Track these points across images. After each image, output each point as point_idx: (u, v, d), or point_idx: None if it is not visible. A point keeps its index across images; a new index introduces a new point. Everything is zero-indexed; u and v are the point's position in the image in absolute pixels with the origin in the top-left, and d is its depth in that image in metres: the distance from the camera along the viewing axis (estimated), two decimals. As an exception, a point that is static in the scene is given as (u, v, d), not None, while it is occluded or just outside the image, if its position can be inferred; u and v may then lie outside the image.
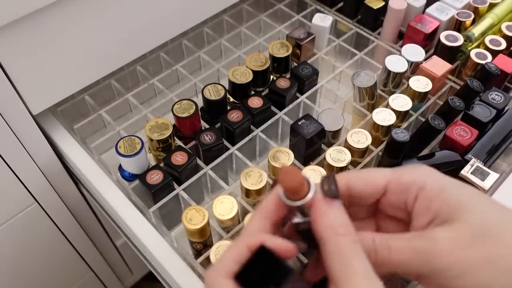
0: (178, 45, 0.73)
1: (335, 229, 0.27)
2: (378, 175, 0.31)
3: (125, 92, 0.66)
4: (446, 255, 0.27)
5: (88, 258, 0.84)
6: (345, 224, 0.27)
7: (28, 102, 0.55)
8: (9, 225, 0.65)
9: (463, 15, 0.69)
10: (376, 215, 0.34)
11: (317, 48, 0.72)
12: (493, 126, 0.56)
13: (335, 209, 0.28)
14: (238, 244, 0.27)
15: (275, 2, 0.79)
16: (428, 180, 0.30)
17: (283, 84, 0.62)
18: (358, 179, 0.31)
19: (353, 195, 0.31)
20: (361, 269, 0.26)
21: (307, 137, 0.54)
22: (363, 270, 0.26)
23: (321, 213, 0.28)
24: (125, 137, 0.55)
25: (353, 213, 0.33)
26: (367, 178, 0.31)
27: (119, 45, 0.59)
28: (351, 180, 0.31)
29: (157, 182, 0.52)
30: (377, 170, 0.32)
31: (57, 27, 0.51)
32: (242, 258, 0.27)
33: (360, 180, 0.31)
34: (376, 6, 0.71)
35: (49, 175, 0.64)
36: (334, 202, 0.28)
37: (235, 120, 0.57)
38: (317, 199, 0.28)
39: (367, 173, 0.32)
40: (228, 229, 0.51)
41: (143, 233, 0.52)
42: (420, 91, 0.60)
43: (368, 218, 0.34)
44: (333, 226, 0.27)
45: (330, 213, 0.28)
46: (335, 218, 0.27)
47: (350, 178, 0.31)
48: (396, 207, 0.31)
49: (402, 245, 0.28)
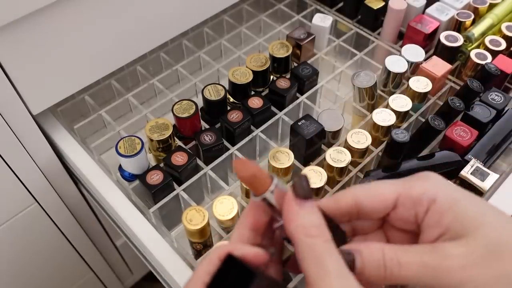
0: (178, 45, 0.73)
1: (307, 229, 0.27)
2: (387, 190, 0.30)
3: (125, 92, 0.66)
4: (458, 271, 0.26)
5: (88, 258, 0.84)
6: (317, 224, 0.27)
7: (28, 102, 0.55)
8: (9, 225, 0.65)
9: (463, 15, 0.69)
10: (384, 226, 0.33)
11: (317, 48, 0.72)
12: (493, 127, 0.56)
13: (307, 209, 0.28)
14: (211, 256, 0.28)
15: (275, 2, 0.79)
16: (439, 193, 0.29)
17: (283, 84, 0.62)
18: (366, 195, 0.30)
19: (361, 212, 0.31)
20: (334, 269, 0.26)
21: (307, 138, 0.54)
22: (336, 270, 0.26)
23: (292, 214, 0.28)
24: (125, 137, 0.55)
25: (360, 227, 0.33)
26: (375, 194, 0.30)
27: (119, 45, 0.59)
28: (359, 197, 0.30)
29: (157, 182, 0.52)
30: (385, 183, 0.31)
31: (57, 27, 0.51)
32: (213, 269, 0.27)
33: (368, 197, 0.30)
34: (376, 6, 0.71)
35: (49, 175, 0.64)
36: (306, 202, 0.28)
37: (235, 120, 0.57)
38: (288, 200, 0.28)
39: (375, 188, 0.31)
40: (228, 229, 0.51)
41: (143, 233, 0.52)
42: (420, 91, 0.60)
43: (376, 231, 0.33)
44: (305, 227, 0.27)
45: (301, 214, 0.27)
46: (306, 219, 0.27)
47: (358, 194, 0.30)
48: (406, 221, 0.31)
49: (412, 260, 0.27)
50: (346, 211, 0.31)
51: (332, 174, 0.54)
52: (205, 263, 0.28)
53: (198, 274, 0.27)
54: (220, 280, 0.27)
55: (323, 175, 0.52)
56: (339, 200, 0.31)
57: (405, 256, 0.28)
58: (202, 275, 0.27)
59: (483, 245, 0.27)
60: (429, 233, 0.29)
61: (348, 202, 0.30)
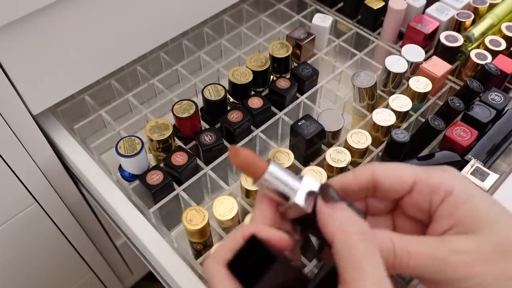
0: (178, 45, 0.73)
1: (347, 227, 0.26)
2: (406, 172, 0.30)
3: (125, 92, 0.66)
4: (466, 266, 0.26)
5: (88, 258, 0.84)
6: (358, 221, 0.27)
7: (28, 102, 0.55)
8: (9, 225, 0.65)
9: (463, 15, 0.69)
10: (394, 212, 0.33)
11: (317, 48, 0.72)
12: (493, 127, 0.56)
13: (340, 209, 0.27)
14: (235, 234, 0.28)
15: (275, 2, 0.79)
16: (456, 185, 0.29)
17: (283, 84, 0.62)
18: (385, 172, 0.30)
19: (378, 189, 0.31)
20: (373, 274, 0.25)
21: (307, 138, 0.54)
22: (375, 275, 0.25)
23: (327, 216, 0.27)
24: (125, 137, 0.55)
25: (372, 207, 0.33)
26: (395, 173, 0.30)
27: (119, 45, 0.59)
28: (379, 174, 0.30)
29: (157, 182, 0.52)
30: (404, 166, 0.31)
31: (57, 27, 0.51)
32: (236, 247, 0.27)
33: (387, 174, 0.30)
34: (376, 6, 0.71)
35: (49, 175, 0.64)
36: (337, 203, 0.28)
37: (235, 120, 0.57)
38: (320, 205, 0.28)
39: (395, 167, 0.31)
40: (228, 229, 0.51)
41: (143, 233, 0.52)
42: (420, 91, 0.60)
43: (385, 215, 0.33)
44: (343, 227, 0.26)
45: (336, 215, 0.27)
46: (343, 218, 0.27)
47: (378, 171, 0.30)
48: (419, 207, 0.30)
49: (421, 251, 0.27)
50: (364, 187, 0.31)
51: (332, 174, 0.54)
52: (229, 240, 0.28)
53: (220, 250, 0.27)
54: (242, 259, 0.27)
55: (323, 175, 0.52)
56: (359, 175, 0.31)
57: (415, 246, 0.28)
58: (224, 251, 0.27)
59: (493, 243, 0.27)
60: (440, 224, 0.29)
61: (368, 177, 0.30)
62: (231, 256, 0.27)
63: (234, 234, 0.28)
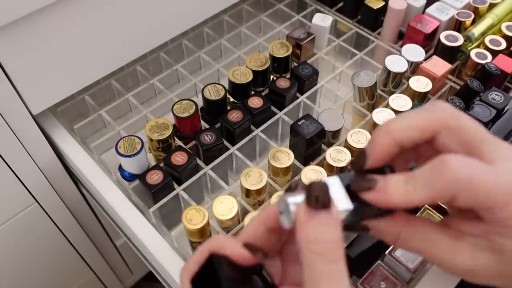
0: (178, 45, 0.73)
1: (311, 244, 0.24)
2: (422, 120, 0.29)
3: (125, 92, 0.66)
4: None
5: (88, 258, 0.84)
6: (325, 241, 0.24)
7: (28, 102, 0.55)
8: (9, 225, 0.65)
9: (463, 15, 0.69)
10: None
11: (317, 48, 0.72)
12: (493, 126, 0.56)
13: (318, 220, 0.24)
14: (202, 248, 0.28)
15: (275, 2, 0.79)
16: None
17: (283, 84, 0.62)
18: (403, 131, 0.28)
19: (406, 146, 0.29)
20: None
21: (307, 137, 0.54)
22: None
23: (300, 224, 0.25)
24: (125, 137, 0.55)
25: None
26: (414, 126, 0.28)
27: (119, 45, 0.59)
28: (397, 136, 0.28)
29: (157, 182, 0.52)
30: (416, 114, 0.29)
31: (57, 27, 0.51)
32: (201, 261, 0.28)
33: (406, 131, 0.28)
34: (376, 6, 0.71)
35: (49, 175, 0.64)
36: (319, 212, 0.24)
37: (235, 120, 0.57)
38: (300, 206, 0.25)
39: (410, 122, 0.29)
40: (228, 229, 0.51)
41: (143, 233, 0.52)
42: (420, 91, 0.60)
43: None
44: (309, 241, 0.24)
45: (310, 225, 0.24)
46: (314, 232, 0.24)
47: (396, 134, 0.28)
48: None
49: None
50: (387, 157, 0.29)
51: (332, 174, 0.54)
52: (196, 254, 0.28)
53: (189, 263, 0.28)
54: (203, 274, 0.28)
55: (323, 174, 0.52)
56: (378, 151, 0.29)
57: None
58: (192, 264, 0.28)
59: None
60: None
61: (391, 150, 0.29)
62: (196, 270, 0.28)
63: (201, 249, 0.28)
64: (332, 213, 0.25)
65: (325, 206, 0.25)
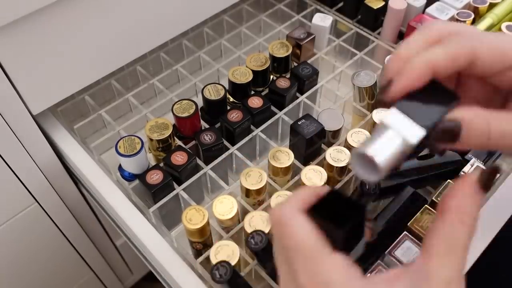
0: (178, 45, 0.73)
1: (464, 216, 0.26)
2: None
3: (125, 92, 0.66)
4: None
5: (88, 258, 0.84)
6: (475, 218, 0.26)
7: (28, 102, 0.55)
8: (9, 225, 0.65)
9: (463, 15, 0.69)
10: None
11: (317, 48, 0.72)
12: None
13: (477, 200, 0.26)
14: (318, 187, 0.28)
15: (275, 2, 0.79)
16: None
17: (283, 84, 0.62)
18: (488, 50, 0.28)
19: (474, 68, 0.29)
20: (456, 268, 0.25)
21: (307, 137, 0.54)
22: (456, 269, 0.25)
23: (462, 194, 0.26)
24: (125, 137, 0.55)
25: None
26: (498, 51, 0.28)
27: (119, 45, 0.59)
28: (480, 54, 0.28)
29: (157, 182, 0.52)
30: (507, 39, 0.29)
31: (57, 27, 0.51)
32: (312, 197, 0.28)
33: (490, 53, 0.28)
34: (376, 6, 0.71)
35: (49, 175, 0.64)
36: (479, 193, 0.26)
37: (235, 120, 0.57)
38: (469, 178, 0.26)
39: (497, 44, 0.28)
40: (228, 229, 0.51)
41: (143, 233, 0.52)
42: (420, 91, 0.60)
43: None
44: (465, 212, 0.26)
45: (471, 200, 0.26)
46: (471, 208, 0.26)
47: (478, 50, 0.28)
48: None
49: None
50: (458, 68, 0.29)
51: (332, 174, 0.54)
52: (315, 187, 0.28)
53: (295, 199, 0.28)
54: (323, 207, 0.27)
55: (323, 174, 0.52)
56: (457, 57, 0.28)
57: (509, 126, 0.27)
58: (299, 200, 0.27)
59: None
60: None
61: (467, 60, 0.28)
62: (310, 204, 0.27)
63: (307, 187, 0.28)
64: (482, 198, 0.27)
65: (486, 190, 0.26)
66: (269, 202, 0.51)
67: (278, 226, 0.27)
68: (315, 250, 0.25)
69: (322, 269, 0.25)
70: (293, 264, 0.26)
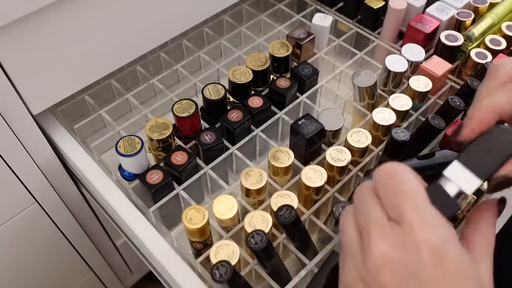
0: (178, 45, 0.73)
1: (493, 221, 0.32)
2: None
3: (125, 92, 0.66)
4: None
5: (88, 258, 0.84)
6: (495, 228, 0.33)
7: (28, 102, 0.55)
8: (9, 225, 0.65)
9: (463, 14, 0.69)
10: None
11: (317, 48, 0.72)
12: (493, 126, 0.56)
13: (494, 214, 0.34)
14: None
15: (275, 2, 0.79)
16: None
17: (283, 84, 0.62)
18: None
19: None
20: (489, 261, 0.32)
21: (307, 137, 0.54)
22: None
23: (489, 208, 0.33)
24: (125, 137, 0.55)
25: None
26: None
27: (119, 45, 0.59)
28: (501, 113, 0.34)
29: (157, 181, 0.52)
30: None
31: (57, 27, 0.51)
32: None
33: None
34: (376, 6, 0.71)
35: (49, 175, 0.64)
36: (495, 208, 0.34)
37: (235, 120, 0.57)
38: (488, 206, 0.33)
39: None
40: (228, 228, 0.51)
41: (143, 233, 0.52)
42: (420, 90, 0.60)
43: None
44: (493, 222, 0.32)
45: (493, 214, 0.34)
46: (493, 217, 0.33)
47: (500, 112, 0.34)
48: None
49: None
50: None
51: (332, 174, 0.54)
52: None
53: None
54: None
55: (323, 174, 0.52)
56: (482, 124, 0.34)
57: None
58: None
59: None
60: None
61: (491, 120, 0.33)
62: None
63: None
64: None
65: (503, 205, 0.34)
66: (269, 202, 0.51)
67: (392, 174, 0.30)
68: (425, 197, 0.29)
69: (431, 211, 0.28)
70: (400, 206, 0.29)
